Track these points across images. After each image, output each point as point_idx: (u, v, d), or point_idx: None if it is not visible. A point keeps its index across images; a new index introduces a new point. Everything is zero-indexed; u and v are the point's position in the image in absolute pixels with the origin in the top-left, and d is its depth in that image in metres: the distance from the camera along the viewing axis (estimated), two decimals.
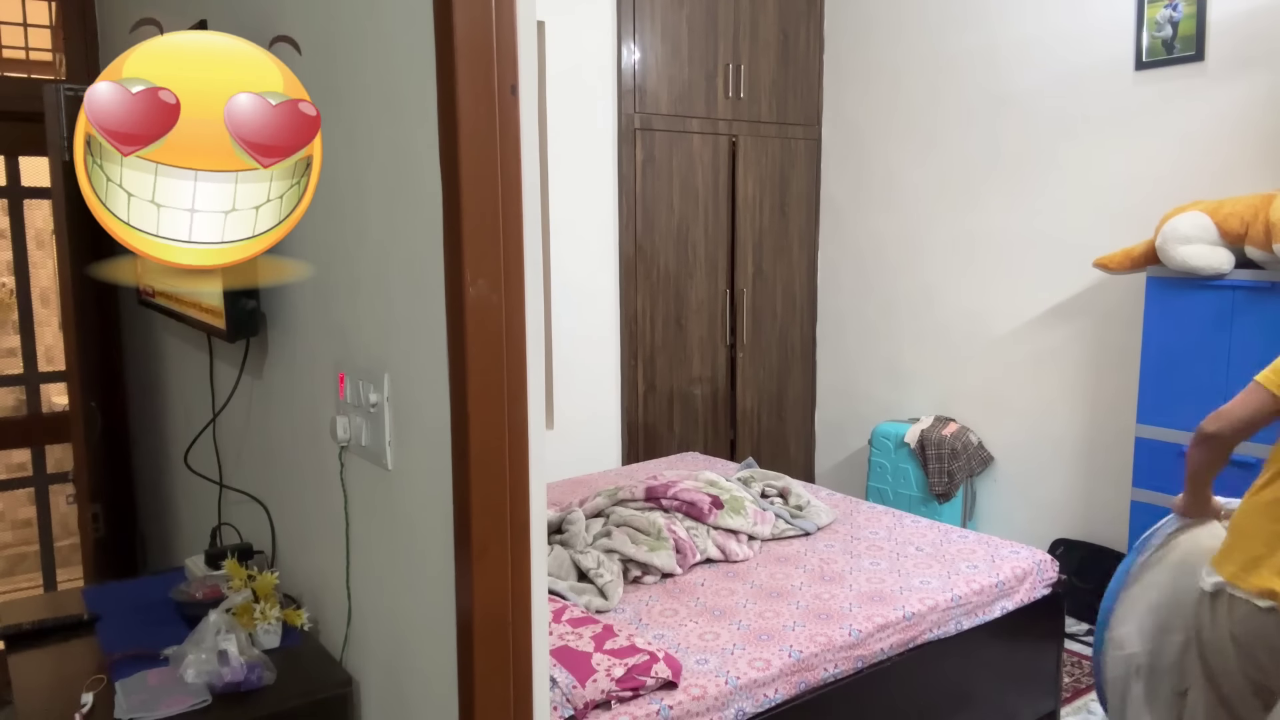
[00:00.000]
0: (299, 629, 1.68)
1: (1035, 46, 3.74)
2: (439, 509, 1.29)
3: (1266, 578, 1.84)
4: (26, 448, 3.47)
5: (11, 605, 1.99)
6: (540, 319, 1.27)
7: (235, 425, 2.09)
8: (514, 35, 1.20)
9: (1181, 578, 2.10)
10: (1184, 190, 3.25)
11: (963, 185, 4.04)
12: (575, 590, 2.44)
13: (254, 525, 2.00)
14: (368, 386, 1.45)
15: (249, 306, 1.79)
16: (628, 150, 4.04)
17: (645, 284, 4.17)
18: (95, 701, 1.47)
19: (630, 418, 4.20)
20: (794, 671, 2.14)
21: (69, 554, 3.86)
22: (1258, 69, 3.12)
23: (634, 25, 4.00)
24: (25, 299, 3.31)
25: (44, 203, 3.51)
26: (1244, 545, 1.91)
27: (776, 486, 3.17)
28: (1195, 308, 3.06)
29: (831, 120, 4.63)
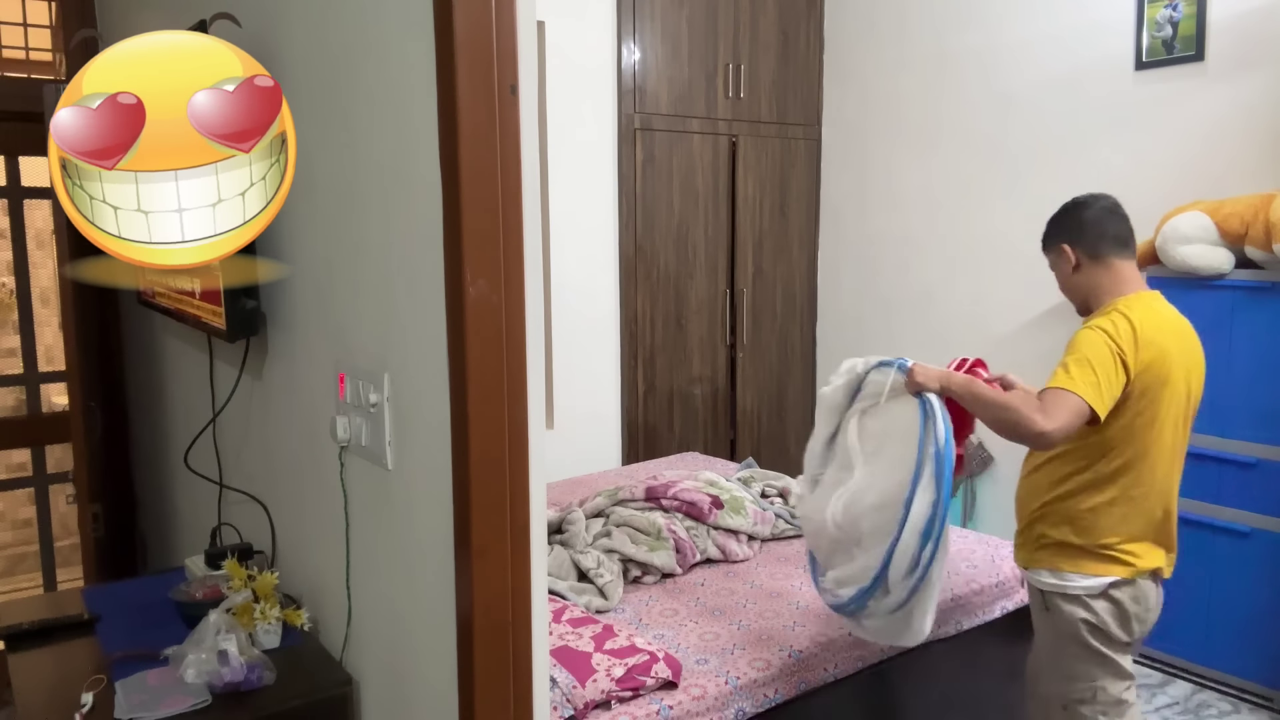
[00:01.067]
0: (299, 629, 1.68)
1: (1035, 46, 3.74)
2: (439, 509, 1.29)
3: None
4: (26, 448, 3.47)
5: (11, 605, 1.99)
6: (540, 319, 1.27)
7: (235, 425, 2.09)
8: (514, 35, 1.20)
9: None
10: (1184, 190, 3.25)
11: (963, 185, 4.04)
12: (575, 590, 2.44)
13: (254, 525, 2.00)
14: (368, 386, 1.45)
15: (249, 306, 1.78)
16: (628, 150, 4.04)
17: (645, 284, 4.17)
18: (95, 701, 1.47)
19: (630, 418, 4.20)
20: (794, 671, 2.13)
21: (69, 554, 3.86)
22: (1258, 69, 3.12)
23: (634, 25, 4.00)
24: (25, 299, 3.31)
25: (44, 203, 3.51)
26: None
27: (776, 486, 3.17)
28: (1195, 308, 3.04)
29: (831, 120, 4.63)
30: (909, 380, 2.01)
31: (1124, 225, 2.07)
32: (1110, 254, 2.03)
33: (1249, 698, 2.99)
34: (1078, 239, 2.05)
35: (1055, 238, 2.11)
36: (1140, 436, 1.94)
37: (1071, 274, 2.07)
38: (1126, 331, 1.90)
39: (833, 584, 2.08)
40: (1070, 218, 2.09)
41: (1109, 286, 2.02)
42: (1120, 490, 1.95)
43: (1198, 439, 3.05)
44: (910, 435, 1.96)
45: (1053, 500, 2.01)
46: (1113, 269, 2.03)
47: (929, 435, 1.91)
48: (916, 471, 1.90)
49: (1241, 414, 2.96)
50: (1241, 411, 2.96)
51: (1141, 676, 3.16)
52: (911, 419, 1.97)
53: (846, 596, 2.01)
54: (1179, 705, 2.98)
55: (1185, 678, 3.13)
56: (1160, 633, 3.23)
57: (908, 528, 1.86)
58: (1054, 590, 2.01)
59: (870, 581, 1.93)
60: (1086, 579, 1.97)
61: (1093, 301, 2.06)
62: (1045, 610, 2.04)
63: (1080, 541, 1.97)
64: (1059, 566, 2.00)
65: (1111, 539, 1.96)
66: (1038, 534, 2.04)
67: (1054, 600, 2.01)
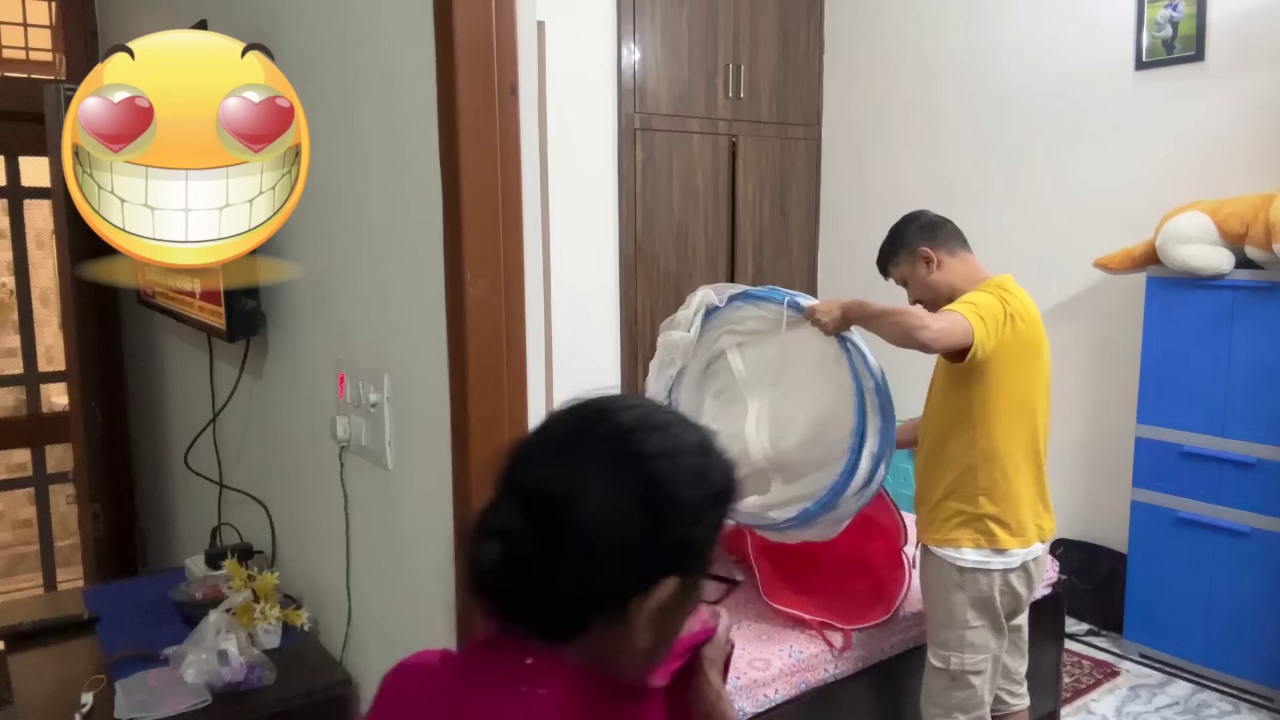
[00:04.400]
0: (299, 629, 1.68)
1: (1035, 46, 3.74)
2: (439, 509, 1.29)
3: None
4: (26, 448, 3.47)
5: (11, 605, 1.99)
6: (540, 319, 1.27)
7: (235, 425, 2.09)
8: (514, 35, 1.20)
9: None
10: (1184, 190, 3.25)
11: (963, 185, 4.04)
12: None
13: (254, 525, 2.00)
14: (368, 386, 1.45)
15: (249, 306, 1.78)
16: (628, 150, 4.04)
17: (645, 284, 4.17)
18: (95, 701, 1.47)
19: None
20: (794, 671, 2.13)
21: (69, 554, 3.86)
22: (1258, 69, 3.12)
23: (634, 25, 3.99)
24: (25, 299, 3.31)
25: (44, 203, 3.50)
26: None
27: None
28: (1195, 308, 3.06)
29: (831, 120, 4.63)
30: (818, 323, 2.15)
31: (954, 226, 2.23)
32: (961, 248, 2.19)
33: (1249, 698, 2.99)
34: (931, 241, 2.18)
35: (908, 247, 2.21)
36: (1026, 390, 2.04)
37: (930, 275, 2.18)
38: (1012, 296, 2.03)
39: (758, 509, 2.21)
40: (915, 227, 2.22)
41: (968, 274, 2.15)
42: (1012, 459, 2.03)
43: (1198, 439, 3.07)
44: (823, 366, 2.18)
45: (963, 473, 2.05)
46: (967, 261, 2.18)
47: (863, 371, 2.11)
48: (860, 403, 2.10)
49: (1241, 414, 2.96)
50: (1241, 411, 2.96)
51: (1141, 676, 3.16)
52: (817, 350, 2.19)
53: (782, 517, 2.16)
54: (1179, 705, 2.98)
55: (1185, 678, 3.13)
56: (1160, 633, 3.24)
57: (865, 454, 2.08)
58: (977, 566, 2.03)
59: (815, 504, 2.11)
60: (1002, 555, 2.03)
61: (958, 293, 2.15)
62: (959, 587, 2.05)
63: (993, 512, 2.02)
64: (979, 544, 2.03)
65: (1007, 510, 2.03)
66: (952, 510, 2.06)
67: (971, 575, 2.03)
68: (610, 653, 0.81)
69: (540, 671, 0.80)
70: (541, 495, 0.78)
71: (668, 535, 0.78)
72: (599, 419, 0.81)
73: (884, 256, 2.28)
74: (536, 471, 0.80)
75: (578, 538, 0.76)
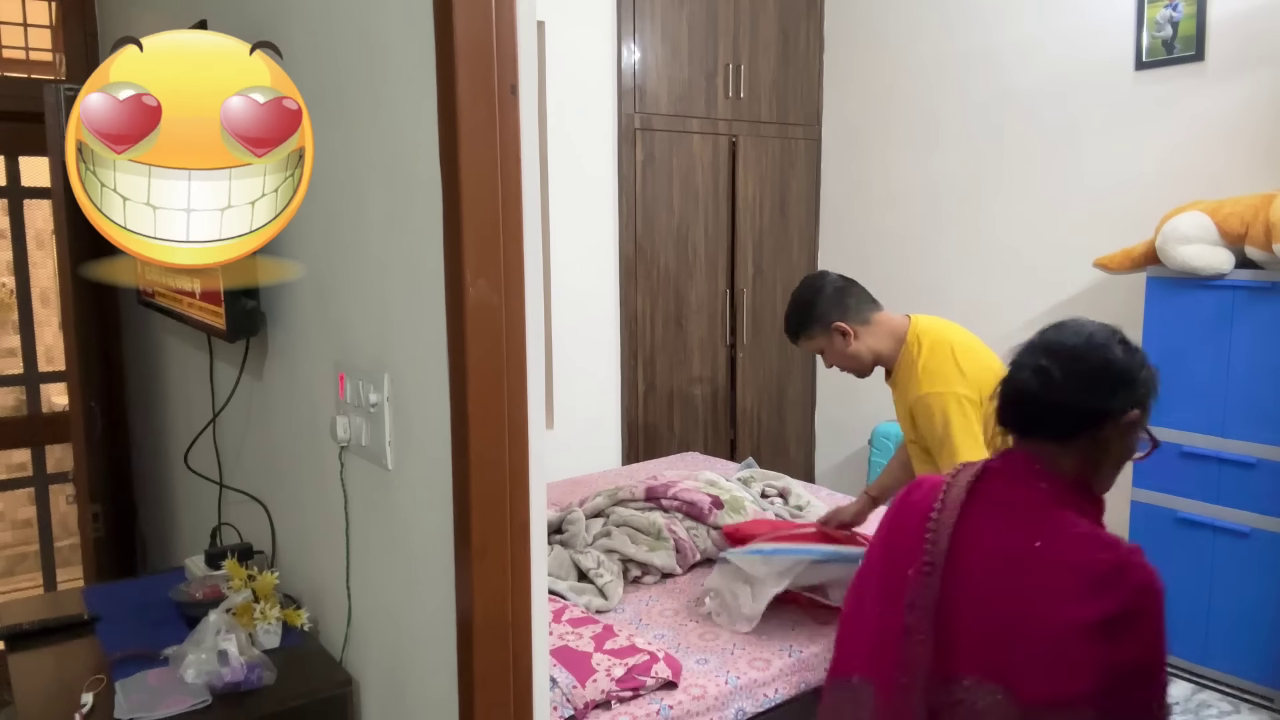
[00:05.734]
0: (299, 629, 1.68)
1: (1035, 46, 3.74)
2: (439, 509, 1.29)
3: None
4: (26, 448, 3.47)
5: (11, 605, 1.99)
6: (540, 319, 1.27)
7: (235, 425, 2.09)
8: (514, 35, 1.20)
9: None
10: (1184, 190, 3.25)
11: (963, 185, 4.04)
12: (575, 590, 2.44)
13: (254, 525, 2.00)
14: (368, 386, 1.45)
15: (249, 306, 1.78)
16: (628, 150, 4.04)
17: (645, 284, 4.17)
18: (95, 701, 1.47)
19: (630, 418, 4.20)
20: (794, 671, 2.13)
21: (69, 554, 3.86)
22: (1258, 69, 3.12)
23: (634, 25, 4.00)
24: (25, 299, 3.31)
25: (44, 203, 3.51)
26: None
27: (776, 486, 3.17)
28: (1195, 308, 3.06)
29: (831, 120, 4.63)
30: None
31: (859, 286, 2.25)
32: (871, 310, 2.21)
33: (1249, 698, 2.99)
34: (844, 315, 2.19)
35: (820, 323, 2.20)
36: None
37: (849, 346, 2.19)
38: (953, 371, 2.05)
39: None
40: (821, 303, 2.21)
41: (889, 332, 2.19)
42: None
43: (1198, 439, 3.07)
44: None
45: None
46: (880, 322, 2.20)
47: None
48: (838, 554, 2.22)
49: (1241, 414, 2.96)
50: (1241, 411, 2.96)
51: None
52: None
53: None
54: (1179, 705, 2.98)
55: (1185, 678, 3.13)
56: None
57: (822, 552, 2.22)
58: None
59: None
60: None
61: (883, 359, 2.18)
62: None
63: None
64: None
65: None
66: None
67: None
68: (1088, 460, 1.36)
69: (1041, 473, 1.36)
70: (1060, 345, 1.36)
71: (1136, 377, 1.34)
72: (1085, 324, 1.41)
73: (794, 328, 2.26)
74: (1051, 335, 1.39)
75: (1085, 371, 1.34)
